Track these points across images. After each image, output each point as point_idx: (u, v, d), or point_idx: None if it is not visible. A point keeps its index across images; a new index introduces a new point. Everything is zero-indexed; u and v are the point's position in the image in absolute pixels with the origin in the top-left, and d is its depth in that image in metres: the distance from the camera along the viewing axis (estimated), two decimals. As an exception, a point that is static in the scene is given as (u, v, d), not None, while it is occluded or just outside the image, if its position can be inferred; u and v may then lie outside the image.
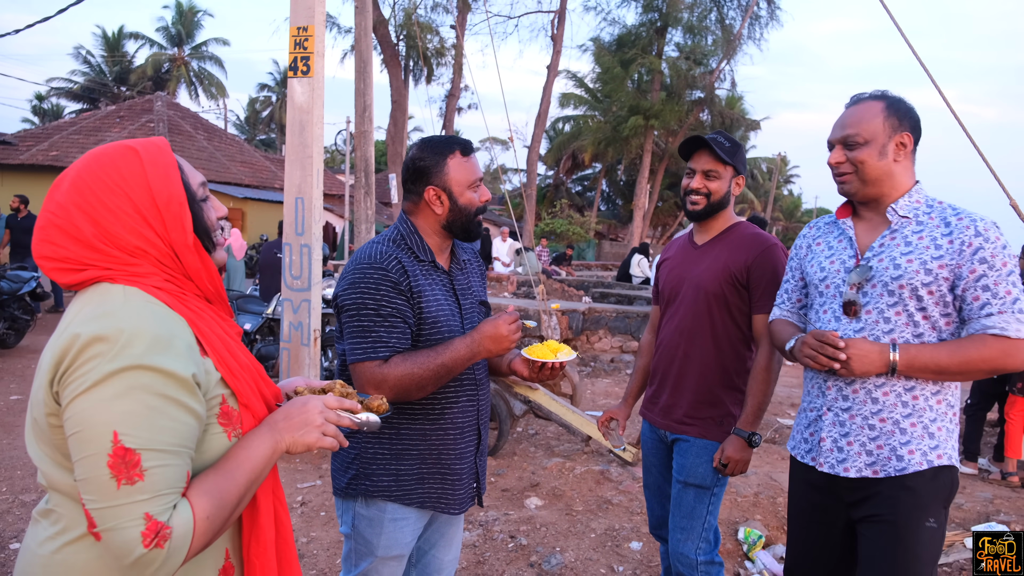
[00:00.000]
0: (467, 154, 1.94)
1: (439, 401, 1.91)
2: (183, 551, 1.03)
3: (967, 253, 1.74)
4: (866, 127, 1.83)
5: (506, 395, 5.34)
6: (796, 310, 2.12)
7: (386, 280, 1.81)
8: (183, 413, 1.06)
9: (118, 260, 1.13)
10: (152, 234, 1.14)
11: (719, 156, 2.36)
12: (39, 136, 20.97)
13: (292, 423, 1.19)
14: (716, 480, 2.41)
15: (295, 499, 4.33)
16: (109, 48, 38.32)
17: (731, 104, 25.91)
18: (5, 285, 7.81)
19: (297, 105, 5.39)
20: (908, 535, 1.79)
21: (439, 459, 1.92)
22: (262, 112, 43.94)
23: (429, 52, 21.61)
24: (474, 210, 1.95)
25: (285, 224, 5.46)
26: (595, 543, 3.81)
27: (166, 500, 1.03)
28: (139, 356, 1.03)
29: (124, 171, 1.14)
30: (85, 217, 1.12)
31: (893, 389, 1.82)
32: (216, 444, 1.15)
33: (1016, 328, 1.69)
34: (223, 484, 1.10)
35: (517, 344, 2.02)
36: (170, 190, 1.15)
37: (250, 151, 24.43)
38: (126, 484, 1.00)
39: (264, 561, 1.19)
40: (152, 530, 1.00)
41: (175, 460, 1.05)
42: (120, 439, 1.00)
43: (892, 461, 1.82)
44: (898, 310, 1.81)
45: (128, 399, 1.01)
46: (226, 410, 1.16)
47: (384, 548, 1.93)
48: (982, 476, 5.39)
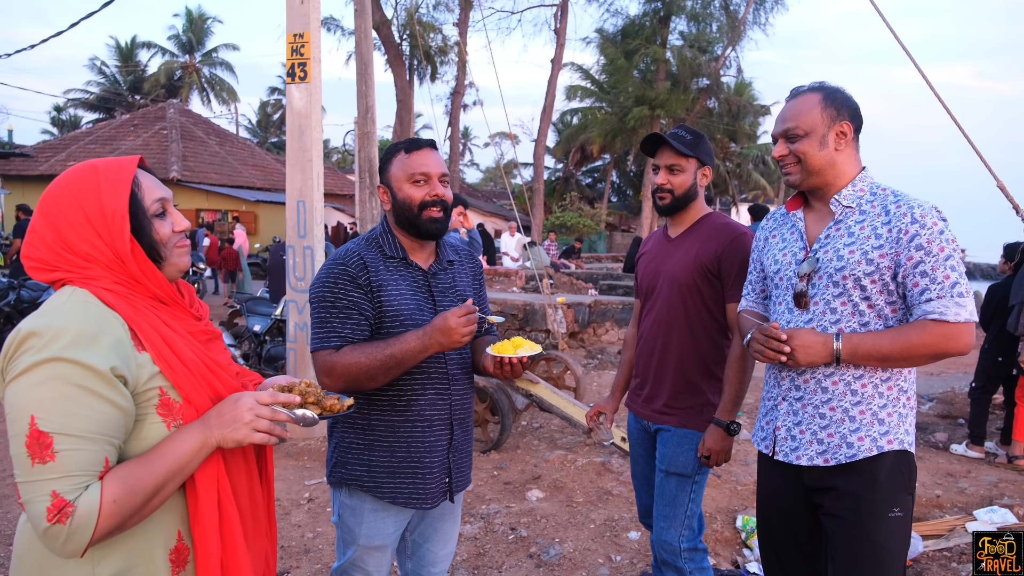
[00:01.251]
0: (411, 151, 1.98)
1: (405, 393, 1.96)
2: (87, 530, 1.12)
3: (904, 240, 1.77)
4: (804, 119, 1.87)
5: (508, 390, 5.41)
6: (760, 301, 2.17)
7: (344, 274, 1.90)
8: (99, 403, 1.16)
9: (74, 264, 1.26)
10: (100, 242, 1.26)
11: (680, 150, 2.41)
12: (57, 147, 21.35)
13: (223, 420, 1.27)
14: (697, 469, 2.46)
15: (302, 496, 4.43)
16: (123, 58, 38.82)
17: (740, 90, 25.73)
18: (25, 294, 8.01)
19: (296, 110, 5.48)
20: (873, 529, 1.81)
21: (408, 451, 1.96)
22: (273, 115, 44.25)
23: (432, 51, 21.68)
24: (415, 205, 1.95)
25: (288, 227, 5.56)
26: (594, 533, 3.87)
27: (75, 481, 1.13)
28: (60, 349, 1.14)
29: (82, 187, 1.27)
30: (48, 225, 1.27)
31: (842, 378, 1.85)
32: (154, 433, 1.25)
33: (955, 312, 1.71)
34: (139, 472, 1.19)
35: (501, 337, 2.06)
36: (115, 205, 1.26)
37: (261, 154, 24.66)
38: (39, 463, 1.12)
39: (206, 544, 1.28)
40: (56, 507, 1.11)
41: (88, 445, 1.15)
42: (36, 422, 1.12)
43: (842, 449, 1.85)
44: (843, 300, 1.84)
45: (46, 387, 1.13)
46: (166, 401, 1.26)
47: (366, 537, 2.00)
48: (988, 460, 5.37)
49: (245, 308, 7.54)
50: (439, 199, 1.96)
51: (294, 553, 3.65)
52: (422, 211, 1.95)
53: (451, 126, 24.01)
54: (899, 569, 1.83)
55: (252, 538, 1.40)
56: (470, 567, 3.53)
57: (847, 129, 1.88)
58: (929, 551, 3.65)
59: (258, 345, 7.15)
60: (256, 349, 7.14)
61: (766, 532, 2.10)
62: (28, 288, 8.16)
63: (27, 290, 8.11)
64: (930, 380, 8.05)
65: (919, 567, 3.52)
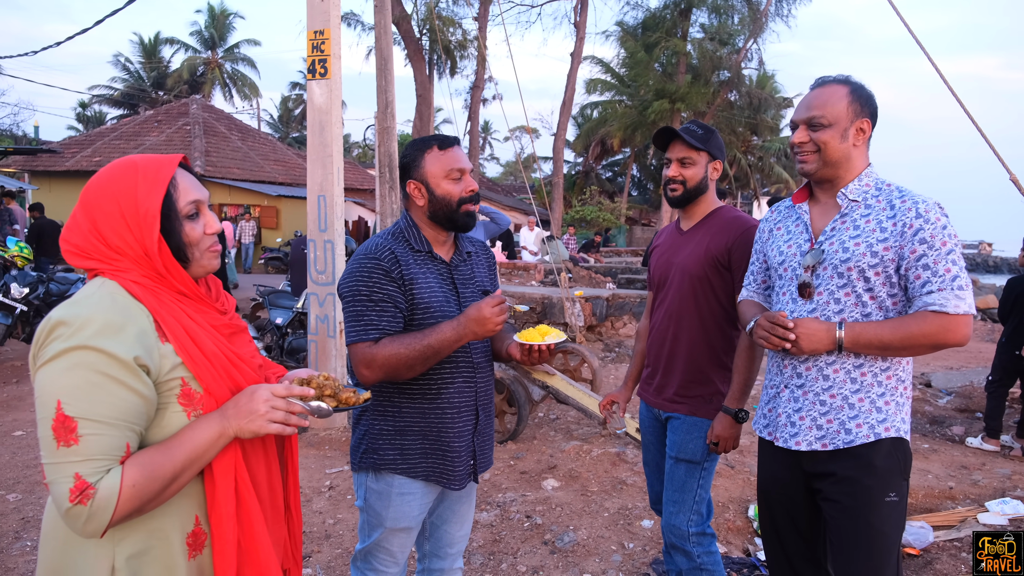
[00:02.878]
0: (444, 148, 2.05)
1: (435, 382, 2.04)
2: (107, 512, 1.19)
3: (908, 234, 1.82)
4: (831, 110, 1.91)
5: (524, 381, 5.49)
6: (762, 291, 2.22)
7: (378, 268, 1.97)
8: (123, 390, 1.22)
9: (105, 255, 1.33)
10: (131, 237, 1.33)
11: (691, 144, 2.47)
12: (83, 143, 21.70)
13: (240, 411, 1.33)
14: (706, 456, 2.52)
15: (323, 484, 4.55)
16: (146, 54, 39.31)
17: (762, 83, 25.50)
18: (54, 287, 8.22)
19: (316, 106, 5.59)
20: (870, 513, 1.87)
21: (439, 436, 2.05)
22: (294, 110, 44.57)
23: (452, 45, 21.73)
24: (455, 201, 2.03)
25: (309, 221, 5.67)
26: (608, 521, 3.94)
27: (98, 464, 1.19)
28: (87, 338, 1.21)
29: (120, 183, 1.34)
30: (86, 215, 1.34)
31: (843, 366, 1.91)
32: (175, 421, 1.31)
33: (954, 304, 1.77)
34: (159, 459, 1.25)
35: (516, 327, 2.14)
36: (148, 204, 1.33)
37: (283, 149, 24.89)
38: (63, 446, 1.18)
39: (223, 530, 1.34)
40: (78, 488, 1.17)
41: (110, 431, 1.21)
42: (62, 407, 1.19)
43: (841, 435, 1.91)
44: (847, 291, 1.90)
45: (72, 374, 1.20)
46: (187, 391, 1.32)
47: (392, 520, 2.09)
48: (1003, 453, 5.36)
49: (267, 301, 7.69)
50: (475, 194, 2.07)
51: (315, 538, 3.76)
52: (460, 206, 2.04)
53: (470, 120, 24.06)
54: (894, 551, 1.89)
55: (270, 525, 1.45)
56: (486, 553, 3.62)
57: (866, 127, 1.93)
58: (940, 541, 3.68)
59: (280, 337, 7.29)
60: (278, 341, 7.29)
61: (768, 517, 2.16)
62: (57, 282, 8.37)
63: (56, 283, 8.32)
64: (949, 375, 7.99)
65: (929, 556, 3.55)
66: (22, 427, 5.66)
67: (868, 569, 1.87)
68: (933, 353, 1.98)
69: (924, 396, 7.23)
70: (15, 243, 9.09)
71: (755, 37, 21.52)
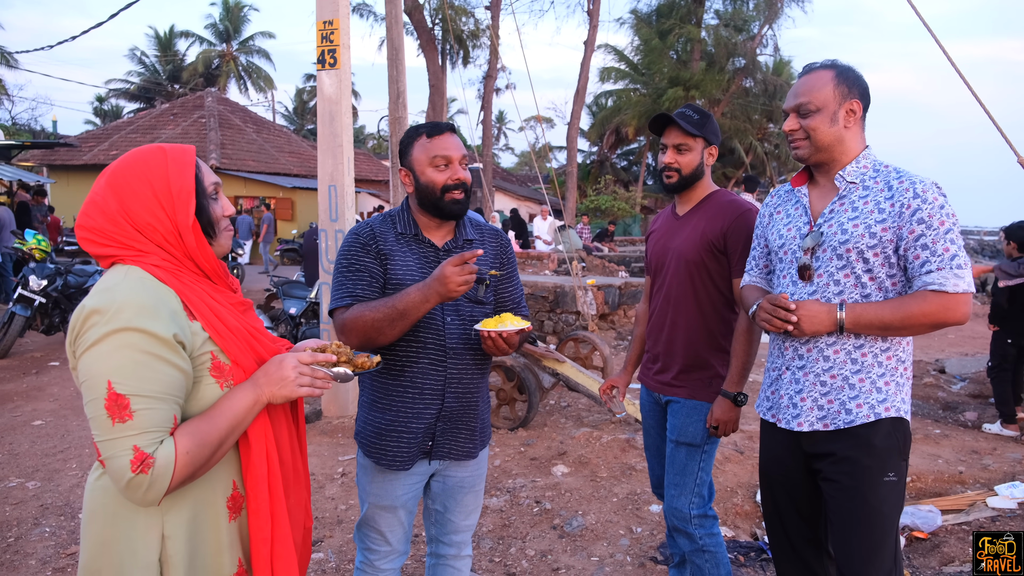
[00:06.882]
0: (432, 135, 2.07)
1: (399, 359, 2.06)
2: (166, 478, 1.27)
3: (906, 215, 1.83)
4: (817, 95, 1.93)
5: (535, 369, 5.52)
6: (764, 276, 2.23)
7: (356, 242, 2.07)
8: (165, 366, 1.30)
9: (129, 237, 1.39)
10: (163, 215, 1.40)
11: (687, 130, 2.47)
12: (100, 137, 21.96)
13: (270, 379, 1.43)
14: (706, 439, 2.54)
15: (336, 471, 4.61)
16: (162, 48, 39.64)
17: (778, 70, 25.26)
18: (72, 279, 8.34)
19: (326, 96, 5.62)
20: (869, 492, 1.88)
21: (397, 415, 2.06)
22: (309, 102, 44.73)
23: (464, 35, 21.68)
24: (438, 188, 2.04)
25: (320, 211, 5.71)
26: (616, 507, 3.98)
27: (152, 436, 1.27)
28: (127, 320, 1.27)
29: (151, 164, 1.42)
30: (113, 195, 1.39)
31: (843, 347, 1.92)
32: (209, 393, 1.40)
33: (954, 283, 1.78)
34: (205, 427, 1.34)
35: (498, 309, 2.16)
36: (182, 182, 1.42)
37: (298, 141, 25.03)
38: (119, 422, 1.25)
39: (256, 489, 1.44)
40: (139, 459, 1.25)
41: (160, 404, 1.29)
42: (113, 386, 1.25)
43: (841, 415, 1.92)
44: (847, 272, 1.91)
45: (119, 354, 1.26)
46: (217, 364, 1.40)
47: (374, 496, 2.13)
48: (1017, 438, 5.33)
49: (281, 292, 7.78)
50: (460, 182, 2.06)
51: (328, 524, 3.82)
52: (444, 194, 2.05)
53: (484, 110, 24.03)
54: (892, 531, 1.90)
55: (292, 487, 1.55)
56: (495, 537, 3.66)
57: (856, 107, 1.94)
58: (948, 525, 3.68)
59: (294, 327, 7.38)
60: (292, 331, 7.37)
61: (769, 497, 2.18)
62: (75, 274, 8.49)
63: (74, 276, 8.44)
64: (964, 360, 7.93)
65: (937, 540, 3.55)
66: (41, 417, 5.78)
67: (867, 548, 1.88)
68: (933, 332, 1.98)
69: (938, 382, 7.18)
70: (33, 236, 9.23)
71: (770, 23, 21.34)
